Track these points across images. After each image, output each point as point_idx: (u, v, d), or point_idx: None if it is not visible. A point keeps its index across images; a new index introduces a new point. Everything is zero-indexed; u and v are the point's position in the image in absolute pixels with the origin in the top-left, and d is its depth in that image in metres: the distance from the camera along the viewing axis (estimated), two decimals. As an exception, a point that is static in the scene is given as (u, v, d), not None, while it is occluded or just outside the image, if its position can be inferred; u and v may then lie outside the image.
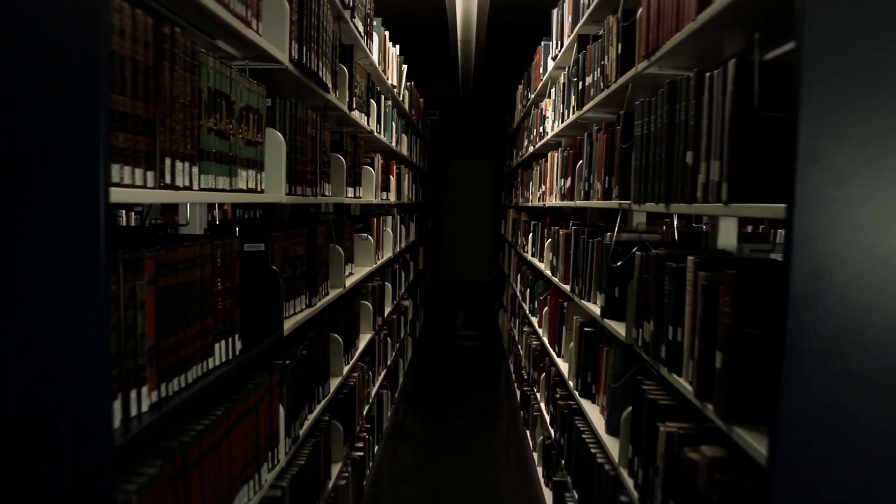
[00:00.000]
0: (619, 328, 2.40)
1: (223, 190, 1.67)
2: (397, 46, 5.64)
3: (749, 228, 3.99)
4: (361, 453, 3.90)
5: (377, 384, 4.67)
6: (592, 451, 2.76)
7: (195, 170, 1.48)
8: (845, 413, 1.16)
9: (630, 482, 2.17)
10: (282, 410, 2.23)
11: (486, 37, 7.54)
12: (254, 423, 1.96)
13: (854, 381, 1.15)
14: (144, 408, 1.30)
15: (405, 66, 6.22)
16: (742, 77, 1.38)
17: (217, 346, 1.66)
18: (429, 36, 8.21)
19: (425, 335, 9.08)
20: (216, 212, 3.80)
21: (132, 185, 1.21)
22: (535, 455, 4.64)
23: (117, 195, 1.12)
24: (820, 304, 1.13)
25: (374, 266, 4.35)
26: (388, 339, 5.35)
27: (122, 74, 1.17)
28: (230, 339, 1.75)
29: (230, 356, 1.75)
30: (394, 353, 5.68)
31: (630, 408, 2.24)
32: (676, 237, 2.50)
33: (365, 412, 4.13)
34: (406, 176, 6.50)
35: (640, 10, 2.18)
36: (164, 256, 1.37)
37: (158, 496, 1.34)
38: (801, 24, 1.12)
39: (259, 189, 1.95)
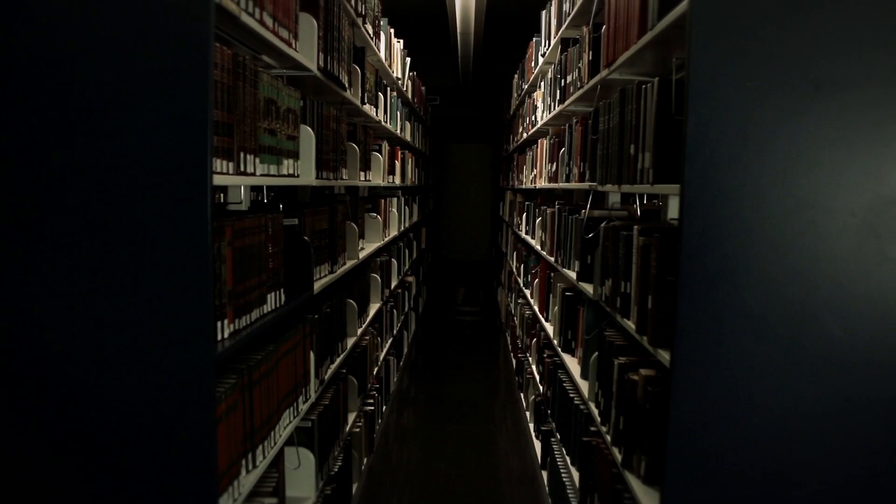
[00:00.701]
0: (589, 289, 2.89)
1: (273, 175, 2.16)
2: (401, 41, 6.09)
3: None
4: (372, 408, 4.41)
5: (384, 350, 5.17)
6: (570, 395, 3.26)
7: (257, 160, 1.97)
8: (722, 325, 1.64)
9: (595, 411, 2.67)
10: (312, 356, 2.73)
11: (485, 26, 7.99)
12: (293, 361, 2.45)
13: (730, 306, 1.63)
14: (226, 335, 1.79)
15: (408, 59, 6.68)
16: (663, 90, 1.85)
17: (269, 295, 2.15)
18: (430, 25, 8.67)
19: (427, 311, 9.58)
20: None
21: (222, 173, 1.69)
22: (528, 413, 5.14)
23: (216, 180, 1.61)
24: (705, 254, 1.61)
25: (382, 242, 4.83)
26: (394, 310, 5.85)
27: (215, 94, 1.65)
28: (277, 292, 2.24)
29: (277, 305, 2.24)
30: (399, 324, 6.18)
31: (596, 353, 2.73)
32: (639, 213, 2.98)
33: (375, 372, 4.63)
34: (409, 160, 6.97)
35: (604, 26, 2.66)
36: (237, 224, 1.85)
37: (235, 400, 1.84)
38: (689, 58, 1.59)
39: (296, 174, 2.43)
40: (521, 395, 5.64)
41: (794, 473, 1.67)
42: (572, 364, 3.35)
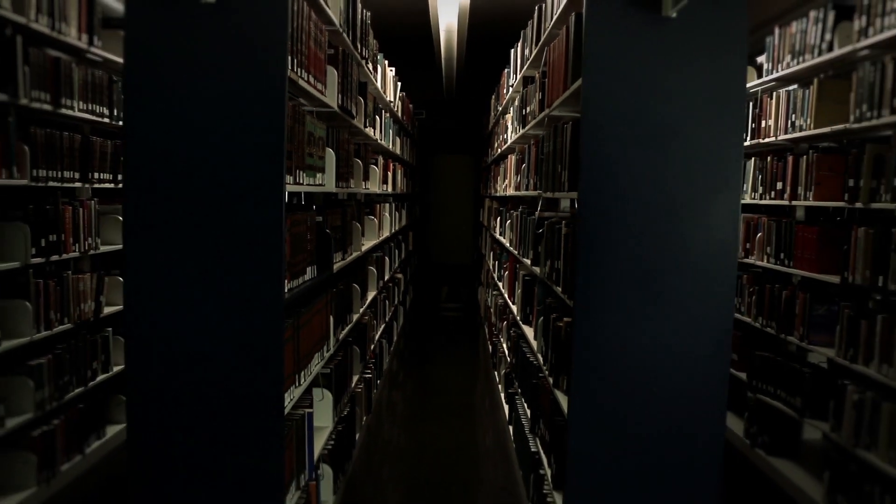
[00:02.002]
0: (538, 270, 3.84)
1: (311, 185, 3.09)
2: (393, 69, 7.03)
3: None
4: (370, 376, 5.35)
5: (378, 332, 6.10)
6: (528, 356, 4.21)
7: (304, 174, 2.91)
8: (604, 281, 2.59)
9: (541, 358, 3.62)
10: (331, 319, 3.67)
11: (467, 47, 8.96)
12: (320, 320, 3.39)
13: (608, 269, 2.57)
14: (286, 289, 2.72)
15: (399, 83, 7.63)
16: (574, 129, 2.80)
17: (308, 268, 3.08)
18: (417, 46, 9.62)
19: (414, 307, 10.51)
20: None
21: (288, 184, 2.63)
22: (499, 385, 6.09)
23: (286, 189, 2.55)
24: (592, 235, 2.56)
25: (377, 241, 5.77)
26: (387, 301, 6.79)
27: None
28: (312, 267, 3.17)
29: (312, 276, 3.17)
30: (390, 314, 7.11)
31: (542, 317, 3.68)
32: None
33: (371, 348, 5.56)
34: (399, 171, 7.92)
35: (548, 75, 3.62)
36: (292, 218, 2.79)
37: (291, 334, 2.77)
38: (582, 112, 2.54)
39: (323, 184, 3.37)
40: (495, 372, 6.58)
41: (652, 376, 2.61)
42: (529, 332, 4.30)
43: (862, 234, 3.57)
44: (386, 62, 6.33)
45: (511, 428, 4.97)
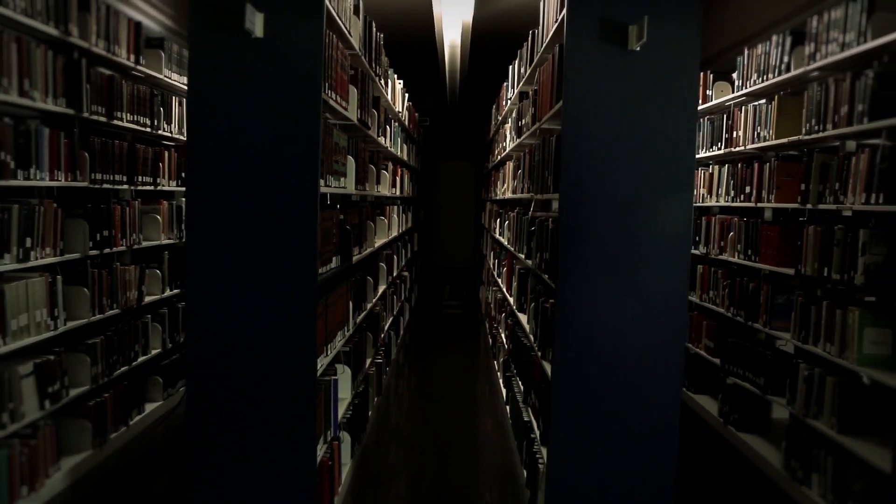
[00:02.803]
0: (530, 263, 4.39)
1: (336, 188, 3.65)
2: (401, 81, 7.60)
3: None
4: (381, 360, 5.90)
5: (388, 323, 6.65)
6: (522, 340, 4.75)
7: (332, 178, 3.46)
8: (580, 268, 3.13)
9: (532, 337, 4.16)
10: (350, 305, 4.22)
11: (469, 62, 9.51)
12: (342, 304, 3.94)
13: (584, 258, 3.12)
14: (319, 273, 3.27)
15: (406, 94, 8.19)
16: (558, 141, 3.34)
17: (333, 257, 3.64)
18: (423, 60, 10.18)
19: (419, 305, 11.07)
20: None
21: (321, 186, 3.19)
22: (498, 372, 6.63)
23: (320, 190, 3.10)
24: (571, 230, 3.10)
25: (387, 240, 6.32)
26: (395, 296, 7.34)
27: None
28: (337, 257, 3.72)
29: (337, 265, 3.72)
30: (397, 308, 7.66)
31: (534, 302, 4.23)
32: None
33: (382, 336, 6.11)
34: (405, 175, 8.48)
35: (539, 93, 4.18)
36: (322, 215, 3.34)
37: (321, 311, 3.32)
38: (563, 127, 3.09)
39: (345, 187, 3.93)
40: (494, 362, 7.13)
41: (618, 347, 3.15)
42: (524, 318, 4.84)
43: (812, 231, 4.12)
44: (395, 76, 6.89)
45: (508, 408, 5.51)
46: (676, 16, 3.03)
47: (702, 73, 5.97)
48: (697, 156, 6.05)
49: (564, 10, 3.17)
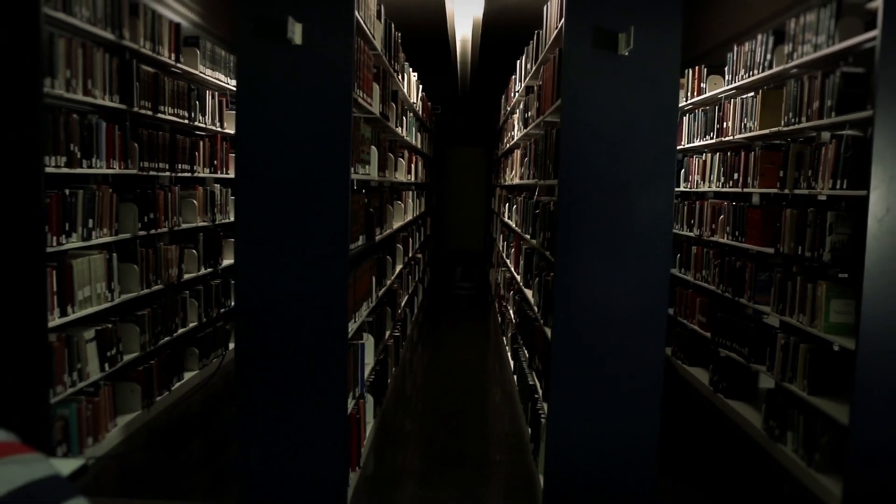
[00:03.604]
0: (535, 242, 4.86)
1: (362, 175, 4.12)
2: (415, 74, 8.05)
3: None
4: (398, 334, 6.39)
5: (403, 300, 7.14)
6: (528, 313, 5.23)
7: (359, 166, 3.94)
8: (576, 243, 3.60)
9: (536, 308, 4.64)
10: (373, 280, 4.70)
11: (479, 54, 9.95)
12: (367, 278, 4.42)
13: (579, 234, 3.59)
14: (349, 248, 3.75)
15: (420, 86, 8.65)
16: (558, 133, 3.80)
17: (360, 236, 4.12)
18: (435, 52, 10.63)
19: (431, 286, 11.56)
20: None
21: (351, 173, 3.66)
22: (506, 347, 7.12)
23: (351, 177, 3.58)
24: (569, 211, 3.57)
25: (403, 223, 6.80)
26: (410, 276, 7.83)
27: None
28: (363, 235, 4.21)
29: (362, 242, 4.20)
30: (412, 287, 8.15)
31: (538, 277, 4.70)
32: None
33: (399, 312, 6.60)
34: (419, 162, 8.94)
35: (542, 89, 4.63)
36: (351, 198, 3.81)
37: (351, 282, 3.80)
38: (561, 121, 3.55)
39: (369, 174, 4.40)
40: (503, 337, 7.62)
41: (609, 312, 3.62)
42: (529, 293, 5.32)
43: (788, 214, 4.57)
44: (410, 69, 7.35)
45: (515, 377, 6.00)
46: (660, 26, 3.48)
47: (697, 67, 6.41)
48: (692, 144, 6.50)
49: (563, 20, 3.62)
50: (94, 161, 4.22)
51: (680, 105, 6.71)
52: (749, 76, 5.29)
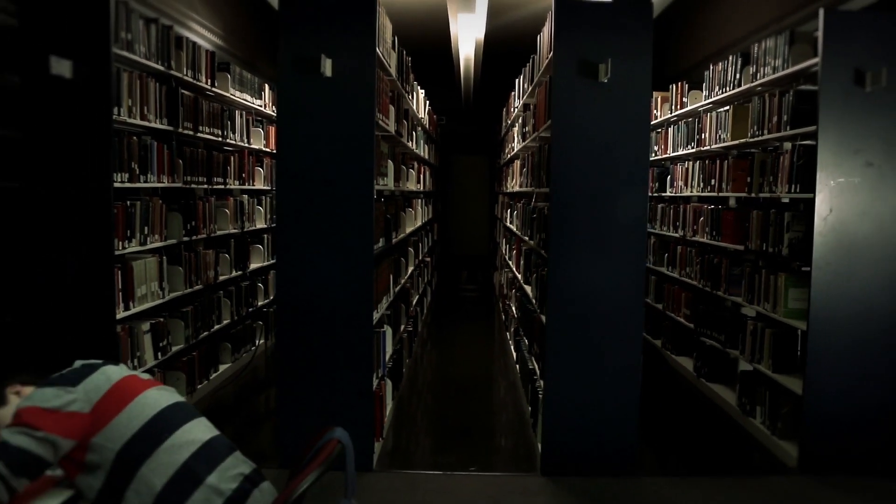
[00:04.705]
0: (532, 243, 5.49)
1: (382, 185, 4.77)
2: (423, 91, 8.71)
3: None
4: (411, 329, 7.03)
5: (414, 300, 7.78)
6: (528, 306, 5.87)
7: (380, 178, 4.59)
8: (567, 241, 4.23)
9: (535, 301, 5.27)
10: (391, 277, 5.35)
11: (482, 71, 10.61)
12: (385, 275, 5.07)
13: (569, 233, 4.22)
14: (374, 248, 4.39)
15: (427, 101, 9.31)
16: (549, 148, 4.44)
17: (380, 238, 4.76)
18: (440, 59, 11.27)
19: (438, 289, 12.21)
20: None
21: (376, 184, 4.31)
22: (510, 341, 7.75)
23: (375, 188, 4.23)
24: (561, 214, 4.21)
25: (414, 228, 7.45)
26: (419, 278, 8.48)
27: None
28: (382, 239, 4.85)
29: (382, 244, 4.85)
30: (422, 288, 8.80)
31: (535, 273, 5.33)
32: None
33: (410, 309, 7.25)
34: (426, 172, 9.59)
35: (537, 108, 5.28)
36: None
37: (375, 277, 4.45)
38: (552, 137, 4.19)
39: (387, 185, 5.05)
40: (507, 333, 8.25)
41: (594, 300, 4.25)
42: (529, 289, 5.95)
43: (755, 215, 5.21)
44: (418, 87, 8.01)
45: (518, 367, 6.63)
46: (633, 58, 4.12)
47: (679, 83, 7.06)
48: (676, 153, 7.14)
49: (552, 52, 4.27)
50: (148, 176, 4.87)
51: (665, 117, 7.37)
52: (723, 92, 5.93)
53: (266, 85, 7.55)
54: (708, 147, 6.27)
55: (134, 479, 1.92)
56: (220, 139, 6.20)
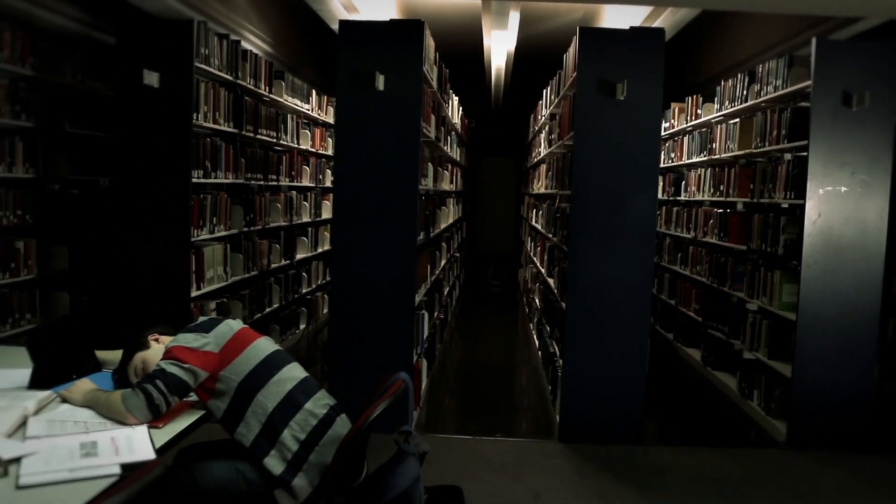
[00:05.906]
0: (556, 239, 6.11)
1: (423, 186, 5.41)
2: (456, 98, 9.35)
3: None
4: (443, 316, 7.67)
5: (446, 291, 8.42)
6: (550, 297, 6.48)
7: (422, 179, 5.23)
8: (584, 236, 4.85)
9: (557, 291, 5.89)
10: (428, 267, 5.99)
11: (511, 80, 11.22)
12: (424, 264, 5.71)
13: (587, 229, 4.83)
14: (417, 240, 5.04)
15: (461, 108, 9.95)
16: (571, 156, 5.05)
17: (421, 232, 5.40)
18: (471, 66, 11.89)
19: (466, 284, 12.84)
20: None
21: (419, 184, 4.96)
22: (533, 332, 8.37)
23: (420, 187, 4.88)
24: (580, 213, 4.82)
25: (447, 224, 8.09)
26: (450, 271, 9.12)
27: (416, 158, 4.92)
28: (422, 232, 5.49)
29: (423, 237, 5.49)
30: (452, 280, 9.44)
31: (557, 266, 5.95)
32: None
33: (443, 299, 7.88)
34: (458, 173, 10.23)
35: (562, 118, 5.89)
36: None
37: (417, 264, 5.09)
38: (574, 147, 4.80)
39: (427, 185, 5.69)
40: (530, 324, 8.87)
41: (608, 290, 4.86)
42: (551, 281, 6.57)
43: (756, 218, 5.79)
44: (453, 94, 8.65)
45: (540, 353, 7.25)
46: (647, 79, 4.73)
47: (694, 96, 7.64)
48: (691, 160, 7.72)
49: (576, 72, 4.89)
50: (217, 173, 5.55)
51: (681, 127, 7.95)
52: (731, 106, 6.51)
53: (314, 90, 8.22)
54: (718, 156, 6.84)
55: (252, 402, 2.57)
56: (274, 140, 6.88)
